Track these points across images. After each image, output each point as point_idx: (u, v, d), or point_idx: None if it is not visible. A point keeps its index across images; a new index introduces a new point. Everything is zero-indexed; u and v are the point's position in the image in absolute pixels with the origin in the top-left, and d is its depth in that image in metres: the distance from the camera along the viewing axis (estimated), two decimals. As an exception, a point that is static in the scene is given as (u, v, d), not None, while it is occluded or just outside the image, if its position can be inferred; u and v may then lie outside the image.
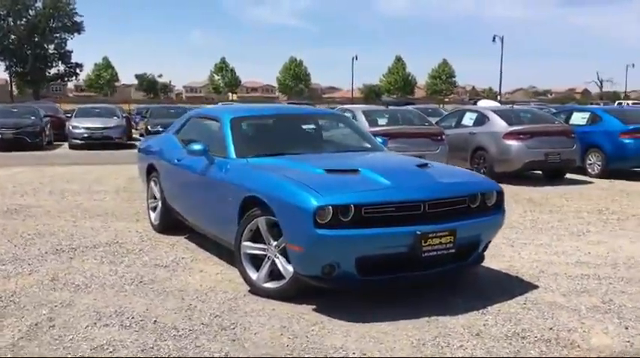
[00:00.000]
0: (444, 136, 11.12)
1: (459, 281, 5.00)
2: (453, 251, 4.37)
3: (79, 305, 4.49)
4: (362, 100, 74.89)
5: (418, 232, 4.20)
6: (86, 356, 3.62)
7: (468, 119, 12.55)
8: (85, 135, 19.95)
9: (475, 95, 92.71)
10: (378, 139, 6.27)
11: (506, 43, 59.67)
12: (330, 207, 4.09)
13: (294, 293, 4.51)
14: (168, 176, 6.48)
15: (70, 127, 20.37)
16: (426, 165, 5.07)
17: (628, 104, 39.53)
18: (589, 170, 12.43)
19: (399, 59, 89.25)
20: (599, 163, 12.27)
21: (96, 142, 19.78)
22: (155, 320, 4.17)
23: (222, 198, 5.13)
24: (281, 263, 4.55)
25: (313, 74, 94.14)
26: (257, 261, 4.77)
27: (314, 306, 4.41)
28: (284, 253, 4.53)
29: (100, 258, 5.84)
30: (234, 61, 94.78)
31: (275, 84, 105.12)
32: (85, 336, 3.90)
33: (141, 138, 25.05)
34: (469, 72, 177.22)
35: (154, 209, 7.11)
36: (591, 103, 50.16)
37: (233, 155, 5.34)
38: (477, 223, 4.56)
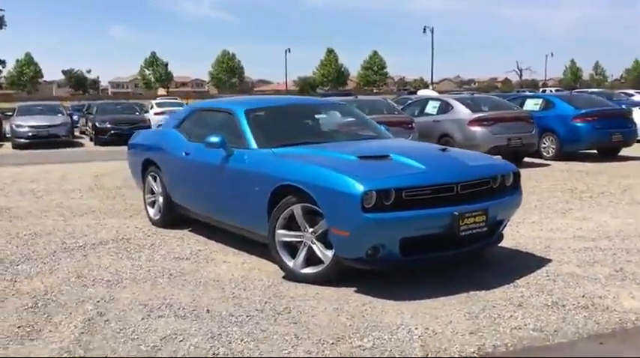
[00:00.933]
0: (414, 124, 11.47)
1: (479, 259, 5.27)
2: (485, 229, 4.64)
3: (121, 299, 4.49)
4: (298, 93, 75.02)
5: (456, 213, 4.44)
6: (157, 345, 3.66)
7: (432, 107, 12.97)
8: (31, 134, 19.30)
9: (402, 86, 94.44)
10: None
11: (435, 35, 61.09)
12: (374, 192, 4.26)
13: (333, 277, 4.66)
14: (173, 170, 6.47)
15: (14, 126, 19.63)
16: (445, 149, 5.32)
17: (552, 91, 41.13)
18: (544, 153, 13.09)
19: (330, 51, 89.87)
20: (554, 146, 12.95)
21: (42, 141, 19.15)
22: (208, 310, 4.23)
23: (247, 189, 5.21)
24: (319, 248, 4.69)
25: (245, 68, 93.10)
26: (290, 249, 4.90)
27: (355, 288, 4.58)
28: (321, 239, 4.68)
29: (115, 253, 5.80)
30: (161, 56, 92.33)
31: (204, 78, 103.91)
32: (146, 328, 3.93)
33: (83, 135, 24.42)
34: (400, 63, 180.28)
35: (152, 204, 7.08)
36: (518, 91, 51.99)
37: (254, 146, 5.41)
38: (502, 203, 4.84)
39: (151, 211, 7.10)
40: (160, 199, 6.85)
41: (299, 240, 4.83)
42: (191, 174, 6.15)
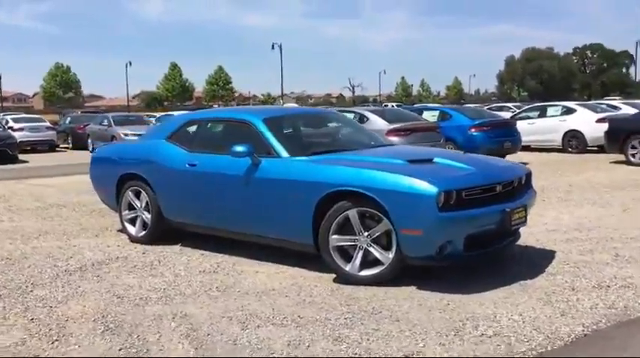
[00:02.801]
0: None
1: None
2: (525, 223, 5.12)
3: (196, 314, 4.34)
4: (144, 108, 72.52)
5: (507, 209, 4.87)
6: (287, 351, 3.64)
7: (345, 119, 13.46)
8: None
9: (242, 101, 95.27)
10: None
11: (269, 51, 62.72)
12: (446, 192, 4.56)
13: (391, 277, 4.86)
14: (169, 184, 6.22)
15: None
16: (465, 153, 5.75)
17: (393, 106, 43.67)
18: (443, 161, 14.13)
19: (174, 66, 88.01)
20: (452, 154, 14.04)
21: None
22: (299, 316, 4.25)
23: (285, 197, 5.24)
24: (377, 250, 4.87)
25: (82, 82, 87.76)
26: (341, 253, 5.02)
27: (415, 286, 4.82)
28: (376, 241, 4.87)
29: (130, 272, 5.51)
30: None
31: (27, 92, 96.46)
32: (258, 337, 3.88)
33: None
34: (246, 78, 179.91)
35: (132, 221, 6.74)
36: (363, 104, 54.74)
37: (284, 154, 5.44)
38: (529, 199, 5.36)
39: (132, 228, 6.75)
40: (146, 215, 6.55)
41: (353, 243, 4.96)
42: (199, 185, 5.98)
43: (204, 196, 5.98)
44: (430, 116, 14.73)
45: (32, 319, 4.33)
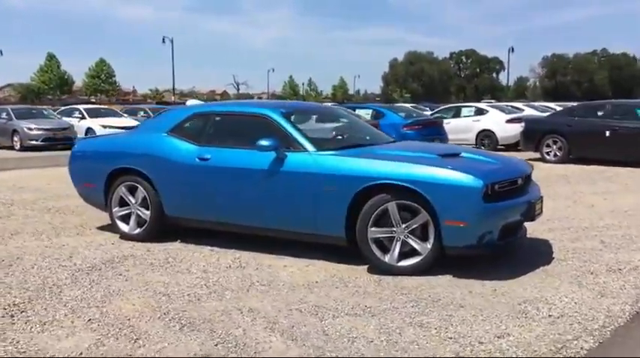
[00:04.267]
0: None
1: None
2: (542, 214, 5.53)
3: (261, 308, 4.32)
4: (19, 101, 67.84)
5: (532, 200, 5.25)
6: (380, 339, 3.75)
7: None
8: None
9: (122, 96, 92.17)
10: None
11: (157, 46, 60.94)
12: (488, 185, 4.86)
13: (428, 267, 5.08)
14: (175, 178, 6.04)
15: None
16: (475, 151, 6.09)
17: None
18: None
19: (52, 57, 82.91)
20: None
21: None
22: (367, 306, 4.35)
23: (317, 191, 5.28)
24: (415, 241, 5.07)
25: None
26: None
27: (450, 275, 5.06)
28: (412, 232, 5.07)
29: (151, 271, 5.32)
30: None
31: None
32: (343, 326, 3.94)
33: None
34: (133, 73, 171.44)
35: (125, 218, 6.49)
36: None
37: (310, 148, 5.48)
38: (540, 191, 5.78)
39: (124, 226, 6.48)
40: (143, 212, 6.33)
41: (389, 235, 5.13)
42: (212, 180, 5.86)
43: (217, 191, 5.87)
44: (364, 114, 15.13)
45: (89, 320, 4.11)
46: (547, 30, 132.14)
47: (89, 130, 21.58)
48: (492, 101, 43.94)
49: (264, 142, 5.44)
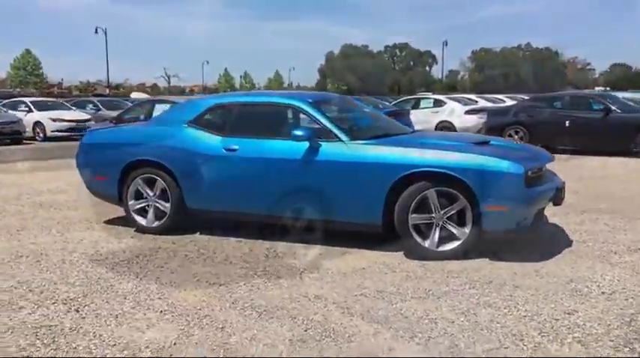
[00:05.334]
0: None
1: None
2: (564, 199, 5.80)
3: (327, 295, 4.39)
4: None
5: (559, 186, 5.52)
6: (462, 319, 3.90)
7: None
8: None
9: (47, 88, 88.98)
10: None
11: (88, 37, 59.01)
12: (528, 171, 5.09)
13: (464, 251, 5.26)
14: (201, 170, 5.96)
15: None
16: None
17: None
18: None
19: (-27, 48, 79.12)
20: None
21: None
22: (428, 290, 4.49)
23: (353, 179, 5.37)
24: (453, 227, 5.24)
25: None
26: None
27: (487, 259, 5.26)
28: (450, 218, 5.24)
29: (193, 263, 5.29)
30: None
31: None
32: (418, 308, 4.06)
33: None
34: (61, 64, 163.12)
35: (142, 211, 6.38)
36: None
37: (344, 138, 5.55)
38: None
39: (141, 219, 6.37)
40: (162, 204, 6.24)
41: (428, 221, 5.28)
42: (241, 171, 5.83)
43: (246, 182, 5.85)
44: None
45: (161, 311, 4.07)
46: (476, 24, 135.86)
47: (37, 124, 20.77)
48: (428, 94, 44.92)
49: (298, 132, 5.47)
